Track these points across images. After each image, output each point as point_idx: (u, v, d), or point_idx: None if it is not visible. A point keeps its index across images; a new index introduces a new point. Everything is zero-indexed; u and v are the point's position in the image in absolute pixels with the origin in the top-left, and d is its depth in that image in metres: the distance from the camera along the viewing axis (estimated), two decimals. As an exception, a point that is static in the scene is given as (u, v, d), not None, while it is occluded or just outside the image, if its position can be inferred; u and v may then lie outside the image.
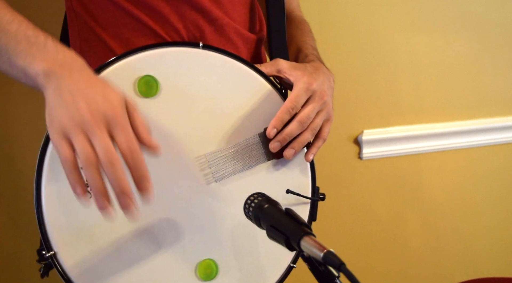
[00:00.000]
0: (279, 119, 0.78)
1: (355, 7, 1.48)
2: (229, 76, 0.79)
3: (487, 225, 1.79)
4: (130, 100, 0.64)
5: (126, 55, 0.74)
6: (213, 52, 0.78)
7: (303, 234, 0.58)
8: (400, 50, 1.56)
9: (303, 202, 0.84)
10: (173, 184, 0.76)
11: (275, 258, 0.82)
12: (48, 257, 0.71)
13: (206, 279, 0.78)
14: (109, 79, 0.72)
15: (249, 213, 0.69)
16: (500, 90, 1.71)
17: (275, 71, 0.83)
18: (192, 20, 0.83)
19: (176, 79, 0.76)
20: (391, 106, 1.58)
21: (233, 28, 0.87)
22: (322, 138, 0.84)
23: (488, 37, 1.65)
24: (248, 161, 0.80)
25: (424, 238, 1.73)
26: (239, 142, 0.79)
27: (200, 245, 0.78)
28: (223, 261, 0.79)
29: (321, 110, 0.82)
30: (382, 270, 1.69)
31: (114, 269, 0.74)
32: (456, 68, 1.63)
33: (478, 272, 1.79)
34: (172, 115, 0.76)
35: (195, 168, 0.77)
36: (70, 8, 0.86)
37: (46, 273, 0.76)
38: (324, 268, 0.57)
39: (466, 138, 1.68)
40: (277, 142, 0.79)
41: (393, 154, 1.60)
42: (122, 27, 0.82)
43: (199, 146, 0.77)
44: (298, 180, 0.84)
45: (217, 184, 0.78)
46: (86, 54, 0.84)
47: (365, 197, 1.62)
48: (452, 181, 1.71)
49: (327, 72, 0.87)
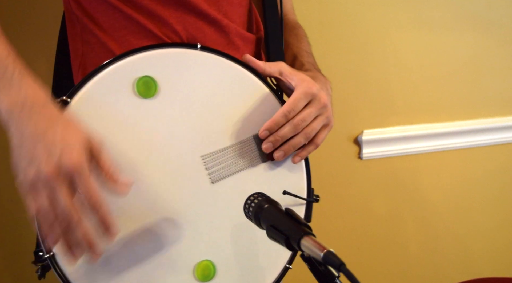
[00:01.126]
0: (273, 121, 0.78)
1: (355, 7, 1.48)
2: (227, 78, 0.79)
3: (486, 225, 1.79)
4: (93, 139, 0.65)
5: (124, 56, 0.74)
6: (211, 53, 0.78)
7: (303, 234, 0.58)
8: (401, 50, 1.56)
9: (299, 203, 0.84)
10: (170, 185, 0.76)
11: (272, 258, 0.82)
12: (45, 259, 0.71)
13: (204, 280, 0.78)
14: (107, 79, 0.72)
15: (249, 213, 0.69)
16: (500, 90, 1.71)
17: (277, 73, 0.83)
18: (191, 23, 0.83)
19: (174, 80, 0.76)
20: (391, 107, 1.58)
21: (233, 29, 0.87)
22: (315, 144, 0.83)
23: (488, 37, 1.65)
24: (244, 162, 0.80)
25: (423, 238, 1.73)
26: (235, 143, 0.80)
27: (197, 247, 0.78)
28: (220, 262, 0.79)
29: (320, 115, 0.81)
30: (381, 270, 1.69)
31: (112, 270, 0.73)
32: (456, 68, 1.63)
33: (478, 272, 1.79)
34: (170, 117, 0.76)
35: (191, 169, 0.77)
36: (70, 11, 0.86)
37: (43, 274, 0.75)
38: (324, 268, 0.57)
39: (465, 138, 1.68)
40: (269, 142, 0.79)
41: (393, 154, 1.60)
42: (122, 29, 0.82)
43: (196, 147, 0.77)
44: (294, 181, 0.84)
45: (213, 185, 0.78)
46: (88, 56, 0.84)
47: (365, 197, 1.62)
48: (452, 181, 1.71)
49: (324, 80, 0.87)
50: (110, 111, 0.73)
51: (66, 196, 0.61)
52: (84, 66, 0.85)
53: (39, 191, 0.61)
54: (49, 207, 0.62)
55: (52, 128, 0.63)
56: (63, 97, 0.71)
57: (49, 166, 0.61)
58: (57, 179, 0.61)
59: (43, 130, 0.62)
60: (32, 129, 0.62)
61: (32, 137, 0.62)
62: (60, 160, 0.61)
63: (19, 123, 0.63)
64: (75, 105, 0.71)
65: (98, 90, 0.72)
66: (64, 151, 0.61)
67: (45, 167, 0.60)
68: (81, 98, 0.72)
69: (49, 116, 0.64)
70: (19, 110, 0.63)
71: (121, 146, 0.73)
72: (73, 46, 0.88)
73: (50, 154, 0.61)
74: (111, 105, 0.73)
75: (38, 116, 0.63)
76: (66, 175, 0.61)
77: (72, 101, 0.71)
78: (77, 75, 0.87)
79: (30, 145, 0.62)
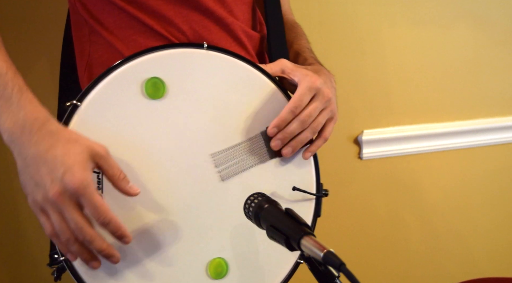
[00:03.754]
0: (281, 119, 0.79)
1: (354, 7, 1.48)
2: (234, 76, 0.80)
3: (486, 225, 1.79)
4: (97, 149, 0.66)
5: (132, 58, 0.75)
6: (217, 52, 0.79)
7: (303, 234, 0.58)
8: (401, 51, 1.56)
9: (308, 198, 0.85)
10: (181, 184, 0.77)
11: (283, 254, 0.82)
12: (60, 261, 0.72)
13: (217, 277, 0.79)
14: (116, 82, 0.74)
15: (249, 213, 0.69)
16: (500, 90, 1.71)
17: (279, 72, 0.83)
18: (197, 21, 0.83)
19: (182, 80, 0.77)
20: (391, 107, 1.58)
21: (239, 27, 0.87)
22: (324, 137, 0.84)
23: (488, 36, 1.65)
24: (253, 159, 0.81)
25: (423, 238, 1.73)
26: (243, 141, 0.80)
27: (209, 244, 0.79)
28: (233, 259, 0.80)
29: (325, 109, 0.82)
30: (381, 270, 1.69)
31: (126, 268, 0.75)
32: (456, 68, 1.63)
33: (478, 272, 1.79)
34: (179, 116, 0.77)
35: (201, 168, 0.78)
36: (76, 13, 0.86)
37: (59, 276, 0.77)
38: (324, 268, 0.57)
39: (466, 138, 1.68)
40: (278, 140, 0.80)
41: (393, 154, 1.60)
42: (128, 29, 0.82)
43: (205, 145, 0.78)
44: (303, 176, 0.85)
45: (224, 182, 0.79)
46: (95, 56, 0.84)
47: (365, 196, 1.62)
48: (452, 181, 1.71)
49: (327, 73, 0.87)
50: (119, 113, 0.74)
51: (75, 213, 0.64)
52: (90, 66, 0.86)
53: (49, 211, 0.64)
54: (62, 225, 0.65)
55: (53, 148, 0.64)
56: (73, 101, 0.72)
57: (54, 188, 0.63)
58: (63, 200, 0.63)
59: (44, 151, 0.64)
60: (33, 152, 0.64)
61: (35, 160, 0.64)
62: (63, 181, 0.63)
63: (21, 147, 0.65)
64: (85, 109, 0.73)
65: (107, 93, 0.74)
66: (66, 171, 0.63)
67: (50, 190, 0.63)
68: (90, 102, 0.73)
69: (49, 136, 0.65)
70: (20, 132, 0.65)
71: (131, 147, 0.74)
72: (79, 47, 0.88)
73: (54, 176, 0.63)
74: (120, 107, 0.74)
75: (38, 137, 0.65)
76: (71, 195, 0.63)
77: (82, 105, 0.72)
78: (83, 76, 0.87)
79: (34, 168, 0.64)
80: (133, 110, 0.74)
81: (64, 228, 0.65)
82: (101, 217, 0.65)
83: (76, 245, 0.66)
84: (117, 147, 0.72)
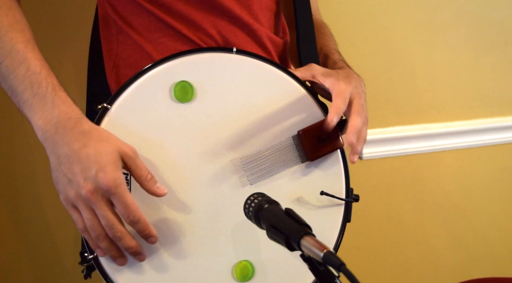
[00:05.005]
0: (338, 109, 0.78)
1: (355, 7, 1.48)
2: (263, 80, 0.80)
3: (486, 225, 1.79)
4: (126, 150, 0.68)
5: (161, 62, 0.75)
6: (246, 56, 0.79)
7: (303, 234, 0.58)
8: (401, 51, 1.56)
9: (337, 203, 0.85)
10: (210, 187, 0.77)
11: None
12: (90, 259, 0.73)
13: (243, 280, 0.79)
14: (145, 85, 0.75)
15: (249, 213, 0.69)
16: (500, 90, 1.70)
17: (309, 76, 0.83)
18: (224, 26, 0.84)
19: (210, 84, 0.77)
20: (391, 107, 1.58)
21: (264, 33, 0.88)
22: (364, 140, 0.84)
23: (488, 37, 1.64)
24: (282, 163, 0.81)
25: (423, 237, 1.73)
26: (273, 145, 0.80)
27: (236, 247, 0.79)
28: (259, 262, 0.80)
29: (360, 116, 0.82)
30: (381, 270, 1.69)
31: (152, 269, 0.75)
32: (456, 69, 1.63)
33: (478, 272, 1.79)
34: (207, 120, 0.77)
35: (230, 171, 0.78)
36: (106, 14, 0.87)
37: (89, 274, 0.78)
38: (324, 268, 0.57)
39: (465, 138, 1.68)
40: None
41: (393, 154, 1.60)
42: (157, 32, 0.82)
43: (234, 149, 0.78)
44: (332, 181, 0.84)
45: (252, 186, 0.79)
46: (122, 56, 0.85)
47: (365, 197, 1.62)
48: (452, 181, 1.71)
49: (358, 77, 0.87)
50: (148, 116, 0.75)
51: (107, 210, 0.66)
52: (118, 66, 0.86)
53: (82, 208, 0.67)
54: (93, 222, 0.67)
55: (85, 147, 0.66)
56: (104, 104, 0.73)
57: (87, 186, 0.65)
58: (96, 197, 0.65)
59: (78, 150, 0.66)
60: (66, 151, 0.66)
61: (68, 159, 0.66)
62: (96, 180, 0.65)
63: (55, 145, 0.67)
64: (115, 112, 0.74)
65: (137, 96, 0.75)
66: (99, 170, 0.65)
67: (84, 187, 0.65)
68: (120, 105, 0.74)
69: (82, 135, 0.67)
70: (54, 131, 0.67)
71: (158, 148, 0.75)
72: (107, 47, 0.88)
73: (87, 174, 0.65)
74: (149, 111, 0.75)
75: (72, 137, 0.67)
76: (103, 193, 0.66)
77: (112, 108, 0.74)
78: (111, 76, 0.88)
79: (67, 166, 0.66)
80: (162, 113, 0.75)
81: (95, 224, 0.67)
82: (131, 215, 0.67)
83: (106, 241, 0.68)
84: (145, 149, 0.73)
